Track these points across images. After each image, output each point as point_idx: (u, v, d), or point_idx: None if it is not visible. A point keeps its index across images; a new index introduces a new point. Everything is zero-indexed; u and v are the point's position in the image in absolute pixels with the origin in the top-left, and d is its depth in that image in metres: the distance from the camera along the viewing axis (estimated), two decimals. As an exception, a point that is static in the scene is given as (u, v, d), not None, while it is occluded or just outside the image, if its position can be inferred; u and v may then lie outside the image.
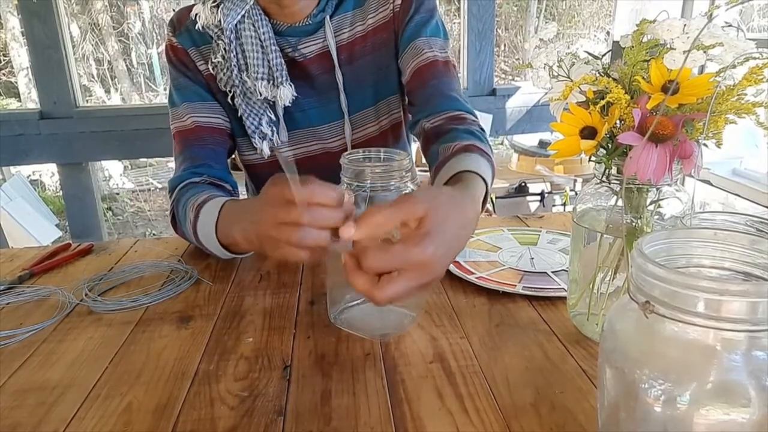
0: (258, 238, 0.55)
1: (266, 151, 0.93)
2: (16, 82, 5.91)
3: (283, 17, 0.89)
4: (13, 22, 5.47)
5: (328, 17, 0.90)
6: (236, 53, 0.87)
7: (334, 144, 0.97)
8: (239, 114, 0.91)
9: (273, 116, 0.92)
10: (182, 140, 0.91)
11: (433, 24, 0.92)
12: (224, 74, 0.89)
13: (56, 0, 1.93)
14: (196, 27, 0.88)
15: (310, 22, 0.89)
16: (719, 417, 0.30)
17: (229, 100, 0.91)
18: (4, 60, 5.97)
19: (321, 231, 0.49)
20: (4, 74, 6.09)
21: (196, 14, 0.88)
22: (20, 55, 5.57)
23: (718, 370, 0.31)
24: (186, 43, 0.91)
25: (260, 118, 0.91)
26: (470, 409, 0.48)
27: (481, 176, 0.68)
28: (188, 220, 0.78)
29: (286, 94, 0.89)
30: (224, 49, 0.88)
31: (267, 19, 0.88)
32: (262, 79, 0.88)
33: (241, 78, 0.88)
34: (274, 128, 0.92)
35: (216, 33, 0.88)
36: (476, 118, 0.86)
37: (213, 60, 0.89)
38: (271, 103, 0.91)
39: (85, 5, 5.98)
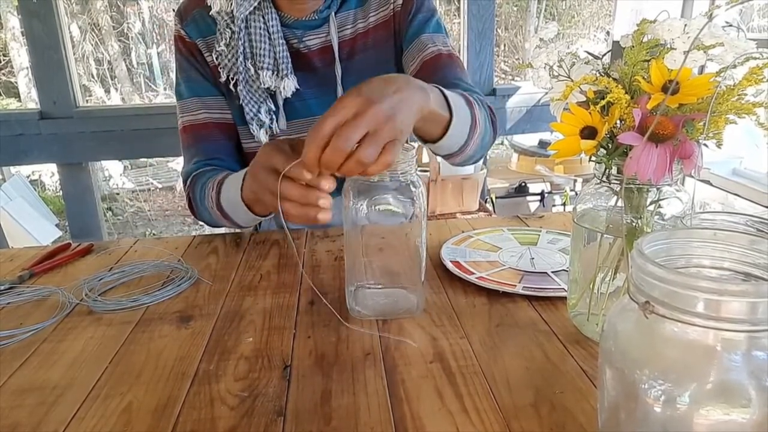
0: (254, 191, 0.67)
1: (263, 139, 0.95)
2: (16, 82, 5.91)
3: (292, 11, 0.93)
4: (13, 22, 5.46)
5: (333, 14, 0.94)
6: (244, 41, 0.90)
7: None
8: (240, 101, 0.93)
9: (272, 106, 0.95)
10: (194, 134, 0.94)
11: (435, 22, 0.97)
12: (229, 60, 0.92)
13: (56, 0, 1.93)
14: (210, 13, 0.91)
15: (316, 17, 0.94)
16: (719, 417, 0.30)
17: (231, 87, 0.93)
18: (4, 60, 5.96)
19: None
20: (4, 74, 6.09)
21: (212, 1, 0.91)
22: (20, 55, 5.56)
23: (718, 370, 0.31)
24: (194, 34, 0.94)
25: (259, 106, 0.93)
26: (470, 409, 0.48)
27: (440, 90, 0.69)
28: (209, 197, 0.82)
29: (288, 85, 0.92)
30: (229, 36, 0.90)
31: (276, 12, 0.92)
32: (267, 69, 0.91)
33: (245, 65, 0.91)
34: (273, 117, 0.95)
35: (225, 21, 0.91)
36: (482, 95, 0.88)
37: (217, 48, 0.92)
38: (271, 93, 0.94)
39: (85, 5, 5.98)
